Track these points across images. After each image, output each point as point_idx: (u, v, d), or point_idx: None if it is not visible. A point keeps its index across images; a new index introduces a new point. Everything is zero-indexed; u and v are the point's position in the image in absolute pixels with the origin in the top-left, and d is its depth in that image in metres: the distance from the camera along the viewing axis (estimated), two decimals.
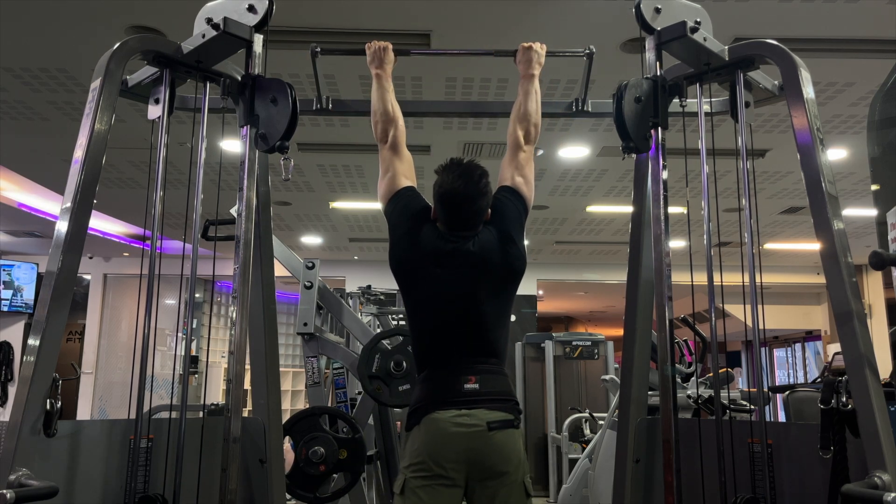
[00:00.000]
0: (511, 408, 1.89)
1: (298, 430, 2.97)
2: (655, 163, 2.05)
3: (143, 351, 1.85)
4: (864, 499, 1.45)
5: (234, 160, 2.13)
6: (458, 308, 1.93)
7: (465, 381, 1.86)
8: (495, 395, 1.88)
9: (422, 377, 1.96)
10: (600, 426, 4.72)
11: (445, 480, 1.81)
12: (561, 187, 6.38)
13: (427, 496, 1.81)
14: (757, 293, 1.87)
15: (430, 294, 1.96)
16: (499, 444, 1.82)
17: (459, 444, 1.81)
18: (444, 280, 1.94)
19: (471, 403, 1.84)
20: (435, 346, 1.95)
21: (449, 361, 1.92)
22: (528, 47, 2.22)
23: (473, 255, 1.94)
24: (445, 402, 1.85)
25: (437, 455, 1.82)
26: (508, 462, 1.83)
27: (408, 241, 1.98)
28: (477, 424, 1.82)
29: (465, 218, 1.96)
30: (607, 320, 16.92)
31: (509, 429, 1.85)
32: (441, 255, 1.95)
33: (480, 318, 1.93)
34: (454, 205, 1.95)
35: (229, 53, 2.07)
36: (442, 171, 1.98)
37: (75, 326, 10.36)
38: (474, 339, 1.93)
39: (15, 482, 1.48)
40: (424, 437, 1.85)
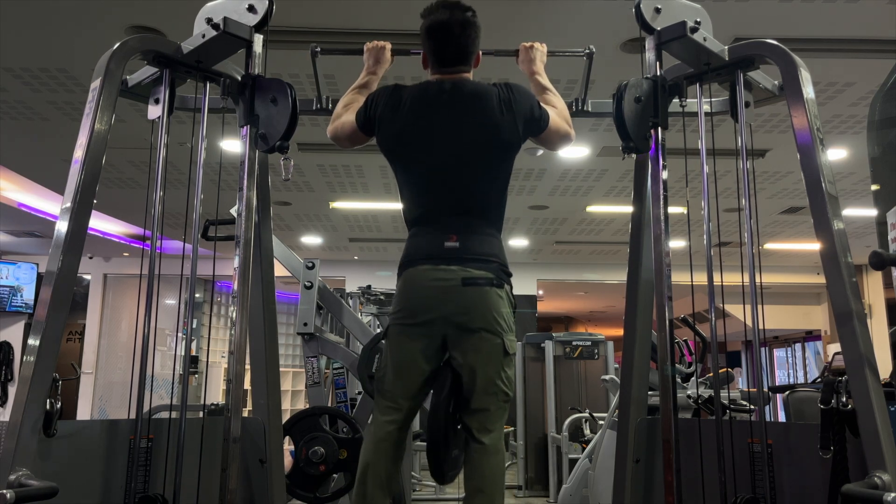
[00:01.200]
0: (493, 268, 1.90)
1: (298, 430, 2.97)
2: (655, 163, 2.05)
3: (143, 351, 1.85)
4: (864, 499, 1.45)
5: (234, 160, 2.13)
6: (444, 157, 1.93)
7: (447, 240, 1.89)
8: (477, 254, 1.89)
9: (409, 235, 2.00)
10: (600, 426, 4.72)
11: (420, 329, 1.88)
12: (561, 187, 6.38)
13: (404, 341, 1.91)
14: (757, 293, 1.87)
15: (418, 143, 1.96)
16: (474, 299, 1.85)
17: (434, 298, 1.86)
18: (431, 122, 1.94)
19: (449, 260, 1.87)
20: (421, 204, 1.97)
21: (435, 220, 1.94)
22: (529, 46, 2.22)
23: (463, 91, 1.95)
24: (426, 258, 1.90)
25: (414, 306, 1.89)
26: (482, 318, 1.85)
27: (392, 102, 1.98)
28: (451, 279, 1.85)
29: (454, 47, 1.97)
30: (607, 320, 16.91)
31: (487, 286, 1.87)
32: (429, 96, 1.96)
33: (468, 174, 1.94)
34: (441, 34, 1.97)
35: (229, 53, 2.07)
36: (427, 11, 2.00)
37: (75, 326, 10.36)
38: (461, 197, 1.94)
39: (15, 482, 1.48)
40: (403, 290, 1.92)
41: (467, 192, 1.94)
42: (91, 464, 1.86)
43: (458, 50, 1.98)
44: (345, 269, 9.80)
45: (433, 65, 2.02)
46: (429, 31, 1.98)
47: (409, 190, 2.00)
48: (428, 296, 1.87)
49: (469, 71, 2.03)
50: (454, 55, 1.98)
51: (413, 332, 1.89)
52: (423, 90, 1.99)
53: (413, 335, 1.90)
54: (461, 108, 1.94)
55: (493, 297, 1.87)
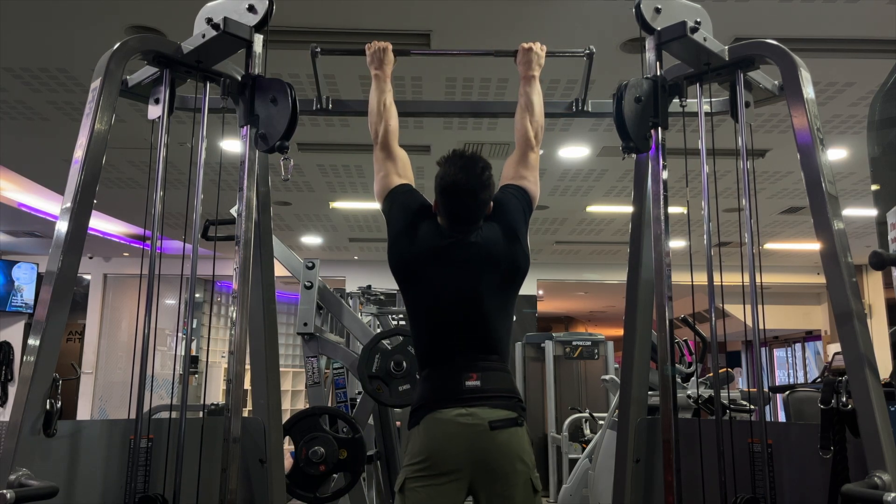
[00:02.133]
0: (514, 405, 1.86)
1: (298, 430, 2.97)
2: (655, 163, 2.05)
3: (143, 351, 1.85)
4: (864, 499, 1.45)
5: (234, 160, 2.13)
6: (458, 304, 1.91)
7: (467, 379, 1.84)
8: (498, 392, 1.85)
9: (423, 376, 1.94)
10: (600, 426, 4.72)
11: (447, 478, 1.79)
12: (561, 187, 6.38)
13: (427, 495, 1.79)
14: (757, 293, 1.87)
15: (429, 291, 1.94)
16: (502, 443, 1.80)
17: (462, 444, 1.79)
18: (444, 276, 1.92)
19: (473, 401, 1.82)
20: (435, 344, 1.93)
21: (450, 359, 1.89)
22: (529, 48, 2.21)
23: (475, 249, 1.93)
24: (447, 400, 1.83)
25: (439, 454, 1.80)
26: (513, 461, 1.80)
27: (406, 238, 1.97)
28: (479, 423, 1.79)
29: (467, 210, 1.94)
30: (607, 320, 16.91)
31: (513, 427, 1.82)
32: (441, 251, 1.93)
33: (482, 315, 1.91)
34: (456, 197, 1.93)
35: (229, 53, 2.07)
36: (444, 162, 1.96)
37: (75, 326, 10.36)
38: (476, 336, 1.91)
39: (15, 482, 1.48)
40: (426, 437, 1.83)
41: (482, 332, 1.91)
42: (91, 464, 1.86)
43: (471, 212, 1.94)
44: (345, 269, 9.80)
45: (444, 217, 1.97)
46: (443, 191, 1.93)
47: (420, 325, 1.97)
48: (455, 444, 1.79)
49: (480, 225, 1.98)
50: (466, 217, 1.95)
51: (438, 482, 1.79)
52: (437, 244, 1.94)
53: (439, 486, 1.79)
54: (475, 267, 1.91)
55: (518, 439, 1.83)
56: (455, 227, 1.95)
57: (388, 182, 2.06)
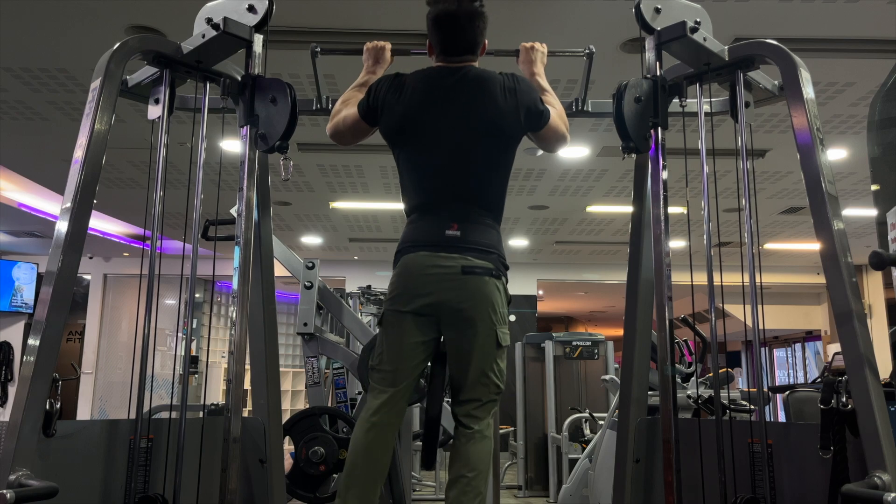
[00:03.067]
0: (493, 259, 1.89)
1: (298, 430, 2.97)
2: (655, 163, 2.05)
3: (143, 351, 1.85)
4: (864, 499, 1.45)
5: (234, 160, 2.13)
6: (446, 144, 1.92)
7: (447, 228, 1.88)
8: (477, 244, 1.88)
9: (409, 220, 1.98)
10: (600, 426, 4.72)
11: (417, 314, 1.86)
12: (561, 187, 6.38)
13: (400, 326, 1.88)
14: (757, 293, 1.87)
15: (420, 129, 1.95)
16: (471, 288, 1.84)
17: (431, 285, 1.85)
18: (435, 109, 1.93)
19: (449, 248, 1.86)
20: (422, 191, 1.96)
21: (435, 208, 1.93)
22: (530, 47, 2.21)
23: (471, 84, 1.94)
24: (424, 245, 1.88)
25: (410, 291, 1.87)
26: (479, 308, 1.84)
27: (396, 88, 1.97)
28: (451, 266, 1.84)
29: (462, 34, 1.96)
30: (607, 320, 16.91)
31: (486, 276, 1.86)
32: (433, 81, 1.95)
33: (470, 162, 1.93)
34: (448, 25, 1.95)
35: (229, 53, 2.07)
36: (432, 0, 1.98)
37: (75, 326, 10.36)
38: (463, 185, 1.93)
39: (15, 482, 1.48)
40: (400, 275, 1.90)
41: (469, 180, 1.93)
42: (91, 464, 1.86)
43: (465, 41, 1.98)
44: (345, 269, 9.80)
45: (439, 54, 2.01)
46: (436, 21, 1.97)
47: (411, 176, 1.99)
48: (426, 282, 1.86)
49: (475, 60, 2.03)
50: (461, 46, 1.98)
51: (410, 317, 1.88)
52: (427, 76, 1.98)
53: (410, 320, 1.88)
54: (465, 94, 1.94)
55: (491, 288, 1.87)
56: (450, 51, 1.97)
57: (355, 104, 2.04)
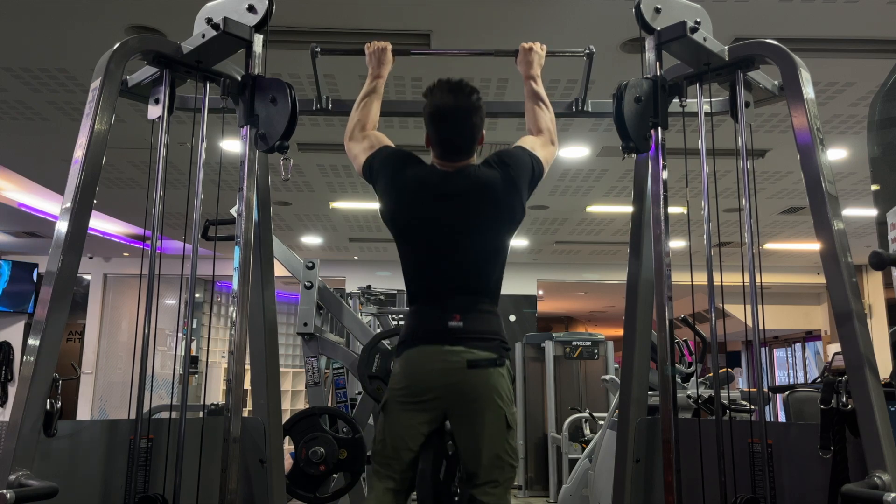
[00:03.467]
0: (496, 347, 1.88)
1: (298, 430, 2.97)
2: (655, 163, 2.05)
3: (143, 351, 1.85)
4: (864, 499, 1.45)
5: (234, 160, 2.13)
6: (448, 239, 1.92)
7: (450, 319, 1.87)
8: (480, 333, 1.88)
9: (410, 311, 1.98)
10: (600, 426, 4.72)
11: (423, 404, 1.86)
12: (561, 187, 6.38)
13: (404, 415, 1.88)
14: (757, 293, 1.87)
15: (420, 228, 1.94)
16: (477, 381, 1.84)
17: (437, 380, 1.84)
18: (435, 210, 1.92)
19: (453, 341, 1.85)
20: (423, 282, 1.95)
21: (436, 298, 1.92)
22: (529, 48, 2.21)
23: (469, 182, 1.92)
24: (427, 338, 1.88)
25: (416, 386, 1.86)
26: (488, 394, 1.84)
27: (395, 184, 1.96)
28: (457, 362, 1.83)
29: (459, 134, 1.93)
30: (607, 320, 16.91)
31: (491, 367, 1.86)
32: (433, 185, 1.93)
33: (471, 252, 1.92)
34: (446, 122, 1.92)
35: (229, 53, 2.07)
36: (431, 90, 1.95)
37: (75, 326, 10.36)
38: (463, 276, 1.92)
39: (15, 482, 1.48)
40: (405, 369, 1.89)
41: (471, 274, 1.93)
42: (91, 464, 1.86)
43: (462, 141, 1.94)
44: (345, 269, 9.80)
45: (436, 153, 1.98)
46: (432, 118, 1.93)
47: (410, 265, 1.98)
48: (432, 378, 1.85)
49: (473, 157, 1.99)
50: (458, 147, 1.95)
51: (413, 410, 1.87)
52: (427, 178, 1.95)
53: (414, 410, 1.87)
54: (466, 200, 1.92)
55: (495, 378, 1.86)
56: (447, 155, 1.95)
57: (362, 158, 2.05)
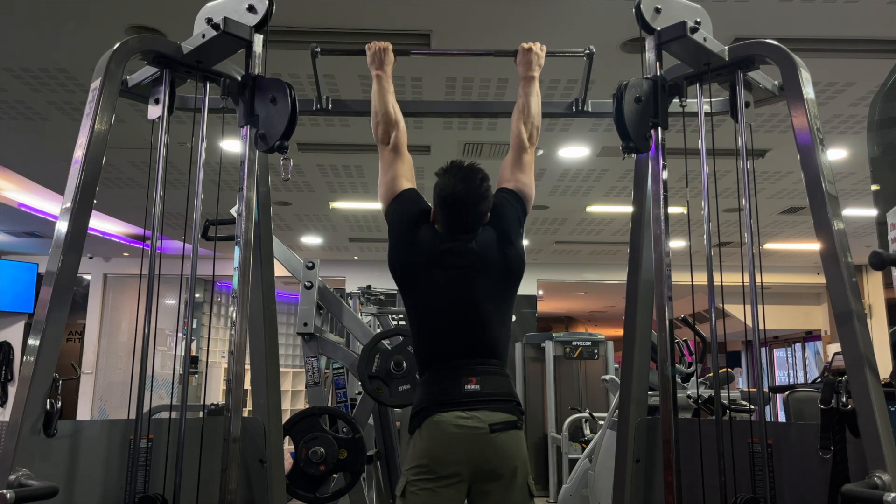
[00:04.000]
0: (513, 408, 1.88)
1: (298, 430, 2.97)
2: (655, 163, 2.05)
3: (143, 351, 1.85)
4: (864, 499, 1.45)
5: (234, 160, 2.13)
6: (456, 308, 1.93)
7: (466, 383, 1.86)
8: (497, 396, 1.88)
9: (423, 379, 1.96)
10: (600, 426, 4.72)
11: (448, 481, 1.81)
12: (561, 187, 6.38)
13: (428, 498, 1.81)
14: (757, 293, 1.87)
15: (428, 295, 1.96)
16: (501, 445, 1.83)
17: (461, 446, 1.81)
18: (442, 280, 1.94)
19: (472, 405, 1.84)
20: (435, 348, 1.95)
21: (449, 363, 1.91)
22: (529, 48, 2.21)
23: (472, 254, 1.95)
24: (447, 403, 1.85)
25: (440, 457, 1.82)
26: (510, 464, 1.83)
27: (407, 241, 1.99)
28: (479, 426, 1.82)
29: (465, 221, 1.97)
30: (607, 320, 16.91)
31: (512, 430, 1.85)
32: (439, 256, 1.95)
33: (480, 319, 1.93)
34: (455, 208, 1.96)
35: (229, 53, 2.07)
36: (443, 173, 1.98)
37: (75, 326, 10.36)
38: (474, 340, 1.93)
39: (15, 482, 1.48)
40: (426, 440, 1.85)
41: (480, 335, 1.93)
42: (91, 464, 1.86)
43: (469, 224, 1.97)
44: (345, 269, 9.81)
45: (443, 226, 1.99)
46: (442, 202, 1.96)
47: (420, 328, 1.99)
48: (455, 444, 1.81)
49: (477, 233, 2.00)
50: (464, 227, 1.97)
51: (439, 485, 1.81)
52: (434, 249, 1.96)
53: (440, 489, 1.81)
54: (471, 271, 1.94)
55: (517, 442, 1.86)
56: (453, 235, 1.97)
57: (396, 185, 2.07)
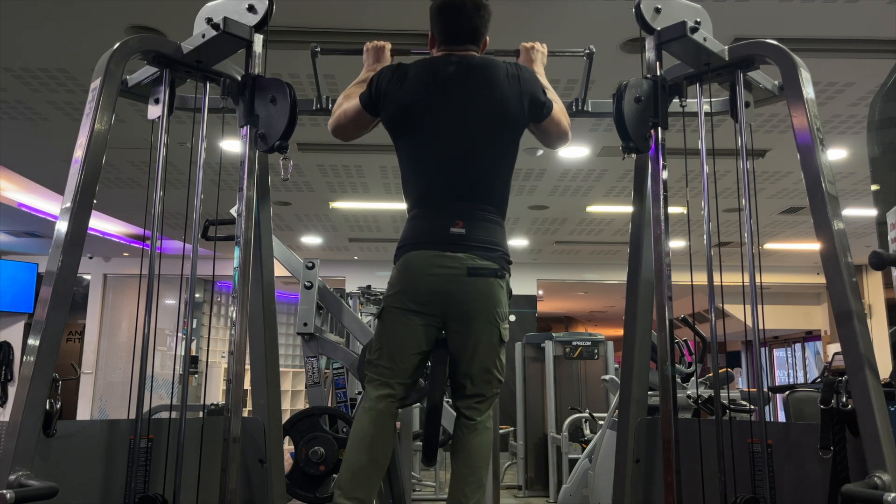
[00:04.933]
0: (498, 258, 1.87)
1: (298, 430, 2.97)
2: (655, 163, 2.05)
3: (143, 351, 1.85)
4: (864, 499, 1.45)
5: (234, 160, 2.13)
6: (449, 136, 1.90)
7: (452, 225, 1.85)
8: (482, 242, 1.86)
9: (411, 216, 1.95)
10: (600, 426, 4.72)
11: (420, 315, 1.85)
12: (561, 187, 6.38)
13: (402, 324, 1.87)
14: (757, 293, 1.87)
15: (424, 127, 1.92)
16: (476, 289, 1.83)
17: (435, 286, 1.83)
18: (436, 100, 1.91)
19: (454, 247, 1.83)
20: (425, 185, 1.93)
21: (439, 203, 1.90)
22: (531, 47, 2.21)
23: (472, 68, 1.92)
24: (428, 242, 1.86)
25: (414, 290, 1.85)
26: (483, 309, 1.84)
27: (398, 85, 1.94)
28: (457, 268, 1.82)
29: (466, 21, 1.95)
30: (607, 320, 16.91)
31: (490, 277, 1.84)
32: (434, 73, 1.93)
33: (476, 152, 1.90)
34: (454, 13, 1.94)
35: (229, 53, 2.07)
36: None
37: (75, 326, 10.36)
38: (467, 180, 1.90)
39: (15, 482, 1.48)
40: (403, 273, 1.88)
41: (473, 171, 1.90)
42: (91, 464, 1.86)
43: (469, 29, 1.96)
44: (345, 269, 9.81)
45: (441, 43, 1.99)
46: (440, 11, 1.96)
47: (413, 169, 1.96)
48: (431, 282, 1.84)
49: (477, 51, 2.01)
50: (465, 34, 1.96)
51: (411, 315, 1.86)
52: (430, 63, 1.97)
53: (411, 318, 1.86)
54: (468, 80, 1.92)
55: (495, 289, 1.86)
56: (451, 39, 1.95)
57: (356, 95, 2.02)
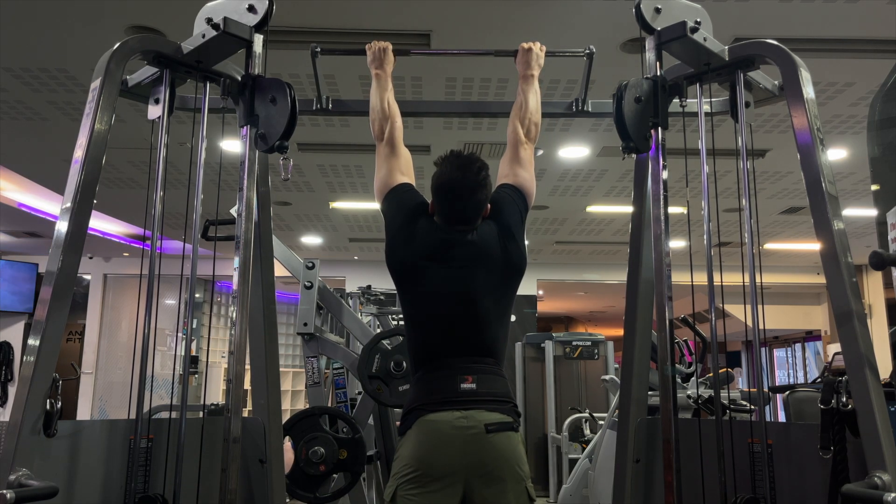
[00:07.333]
0: (509, 410, 1.83)
1: (298, 430, 2.97)
2: (655, 163, 2.05)
3: (143, 351, 1.85)
4: (864, 499, 1.45)
5: (234, 160, 2.13)
6: (454, 304, 1.89)
7: (462, 381, 1.81)
8: (493, 395, 1.83)
9: (416, 377, 1.91)
10: (600, 426, 4.72)
11: (439, 485, 1.74)
12: (561, 187, 6.38)
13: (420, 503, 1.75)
14: (757, 293, 1.87)
15: (426, 290, 1.92)
16: (497, 447, 1.77)
17: (456, 448, 1.75)
18: (440, 275, 1.90)
19: (468, 404, 1.79)
20: (430, 345, 1.91)
21: (445, 361, 1.87)
22: (528, 48, 2.22)
23: (472, 247, 1.92)
24: (441, 402, 1.80)
25: (432, 460, 1.76)
26: (510, 467, 1.77)
27: (404, 236, 1.96)
28: (474, 426, 1.76)
29: (463, 210, 1.93)
30: (607, 320, 16.91)
31: (508, 431, 1.80)
32: (438, 250, 1.92)
33: (478, 316, 1.89)
34: (453, 196, 1.92)
35: (229, 53, 2.07)
36: (441, 162, 1.96)
37: (75, 326, 10.36)
38: (471, 338, 1.89)
39: (15, 482, 1.48)
40: (418, 441, 1.78)
41: (478, 333, 1.89)
42: (91, 464, 1.85)
43: (466, 215, 1.94)
44: (345, 269, 9.80)
45: (441, 216, 1.96)
46: (438, 190, 1.93)
47: (415, 326, 1.95)
48: (450, 445, 1.75)
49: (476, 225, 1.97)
50: (463, 217, 1.94)
51: (431, 489, 1.74)
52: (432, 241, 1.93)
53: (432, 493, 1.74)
54: (470, 266, 1.91)
55: (515, 444, 1.80)
56: (451, 226, 1.94)
57: (391, 179, 2.05)
